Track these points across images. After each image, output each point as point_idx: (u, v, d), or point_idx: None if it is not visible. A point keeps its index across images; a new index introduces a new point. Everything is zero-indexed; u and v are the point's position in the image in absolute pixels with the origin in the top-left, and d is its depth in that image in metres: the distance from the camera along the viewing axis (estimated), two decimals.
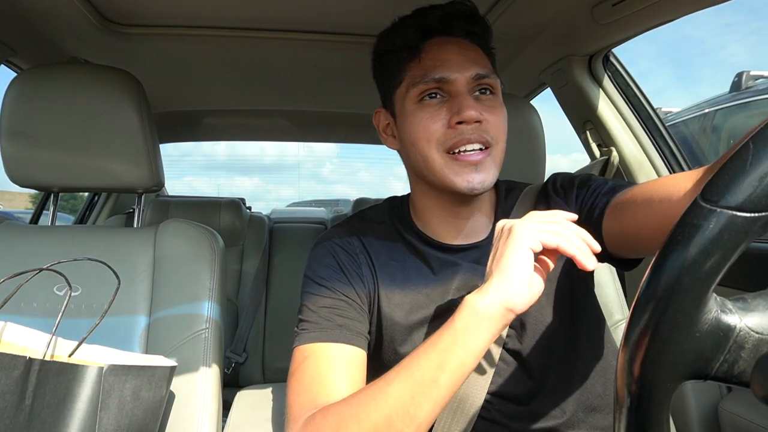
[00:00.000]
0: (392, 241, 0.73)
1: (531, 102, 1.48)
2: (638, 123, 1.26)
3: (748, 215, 0.26)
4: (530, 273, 0.50)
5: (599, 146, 1.32)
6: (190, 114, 1.98)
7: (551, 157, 1.11)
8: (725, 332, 0.27)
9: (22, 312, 0.78)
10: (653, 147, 1.25)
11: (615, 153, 1.27)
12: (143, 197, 1.02)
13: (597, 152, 1.32)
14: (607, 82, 1.25)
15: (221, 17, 1.15)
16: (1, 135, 0.84)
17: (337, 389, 0.59)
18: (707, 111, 2.71)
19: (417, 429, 0.51)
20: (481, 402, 0.64)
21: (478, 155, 0.64)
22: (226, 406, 0.81)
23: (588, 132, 1.33)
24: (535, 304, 0.66)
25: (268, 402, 0.83)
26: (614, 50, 1.21)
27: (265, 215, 2.13)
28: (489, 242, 0.71)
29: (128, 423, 0.62)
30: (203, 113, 1.99)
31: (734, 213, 0.26)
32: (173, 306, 0.81)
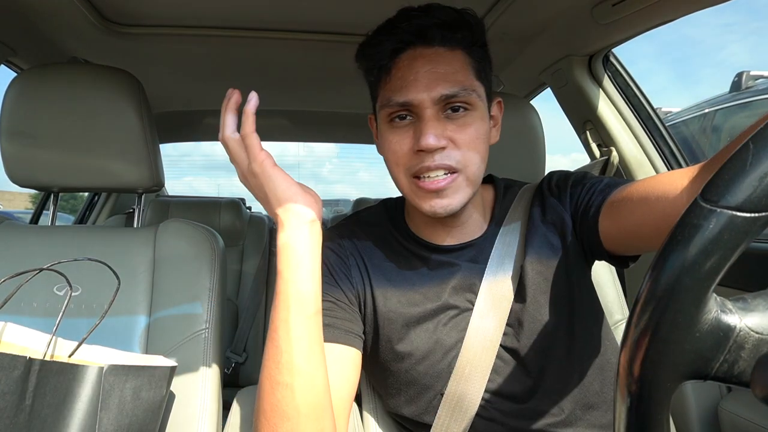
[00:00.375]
0: (387, 243, 0.73)
1: (531, 102, 1.48)
2: (638, 123, 1.26)
3: (748, 215, 0.26)
4: (291, 185, 0.56)
5: (599, 146, 1.32)
6: (190, 114, 1.98)
7: (551, 157, 1.11)
8: (725, 332, 0.27)
9: (22, 312, 0.78)
10: (653, 147, 1.25)
11: (615, 153, 1.27)
12: (143, 197, 1.02)
13: (597, 152, 1.33)
14: (607, 82, 1.25)
15: (221, 17, 1.15)
16: (1, 135, 0.84)
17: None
18: (707, 111, 2.71)
19: (300, 376, 0.54)
20: (479, 400, 0.64)
21: (442, 181, 0.62)
22: (226, 406, 0.80)
23: (588, 132, 1.33)
24: (533, 302, 0.66)
25: None
26: (614, 50, 1.21)
27: (265, 215, 2.14)
28: (484, 240, 0.71)
29: (128, 423, 0.62)
30: (203, 113, 1.99)
31: (734, 213, 0.26)
32: (173, 306, 0.81)
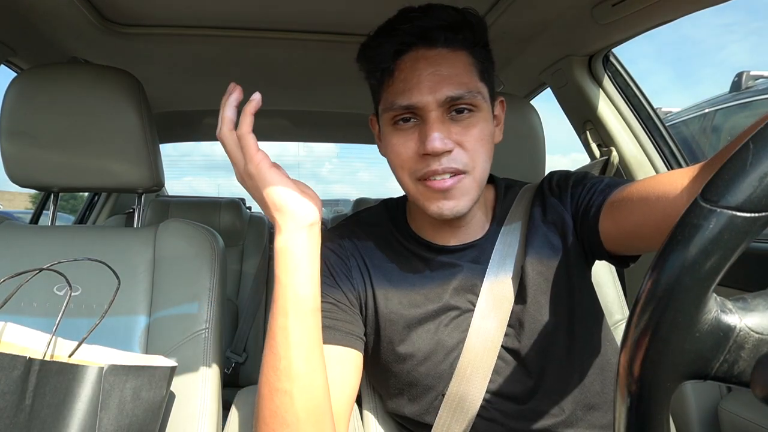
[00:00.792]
0: (388, 244, 0.73)
1: (531, 102, 1.48)
2: (638, 123, 1.26)
3: (748, 215, 0.26)
4: (288, 188, 0.55)
5: (599, 146, 1.32)
6: (190, 114, 1.98)
7: (551, 157, 1.11)
8: (725, 332, 0.27)
9: (22, 312, 0.78)
10: (653, 147, 1.25)
11: (615, 153, 1.27)
12: (143, 197, 1.02)
13: (597, 152, 1.33)
14: (607, 82, 1.25)
15: (221, 17, 1.15)
16: (1, 135, 0.84)
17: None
18: (707, 111, 2.71)
19: (297, 381, 0.53)
20: (480, 401, 0.64)
21: (448, 181, 0.61)
22: (226, 406, 0.80)
23: (588, 132, 1.33)
24: (534, 303, 0.66)
25: None
26: (614, 50, 1.21)
27: (265, 215, 2.13)
28: (486, 240, 0.71)
29: (128, 423, 0.62)
30: (203, 113, 1.99)
31: (734, 213, 0.26)
32: (173, 306, 0.81)
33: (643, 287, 0.28)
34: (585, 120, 1.32)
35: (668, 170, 1.23)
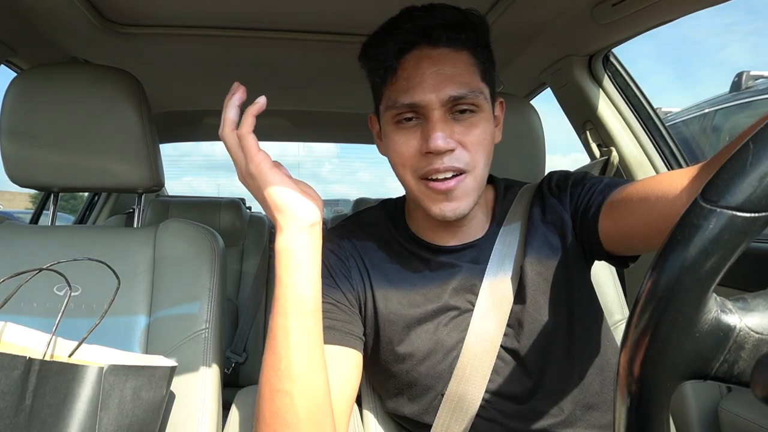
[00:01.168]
0: (387, 244, 0.73)
1: (531, 102, 1.48)
2: (638, 123, 1.26)
3: (748, 215, 0.26)
4: (289, 188, 0.54)
5: (599, 146, 1.32)
6: (190, 114, 1.98)
7: (551, 157, 1.11)
8: (725, 332, 0.27)
9: (22, 312, 0.78)
10: (653, 147, 1.25)
11: (615, 153, 1.27)
12: (143, 197, 1.02)
13: (597, 152, 1.33)
14: (607, 82, 1.25)
15: (221, 17, 1.15)
16: (1, 135, 0.84)
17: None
18: (707, 111, 2.71)
19: (297, 382, 0.53)
20: (480, 401, 0.64)
21: (451, 182, 0.62)
22: (226, 406, 0.80)
23: (588, 132, 1.33)
24: (533, 303, 0.66)
25: None
26: (614, 50, 1.21)
27: (266, 215, 2.13)
28: (485, 241, 0.71)
29: (128, 423, 0.62)
30: (203, 113, 1.99)
31: (734, 213, 0.26)
32: (173, 306, 0.81)
33: (643, 287, 0.28)
34: (585, 120, 1.32)
35: (668, 170, 1.23)
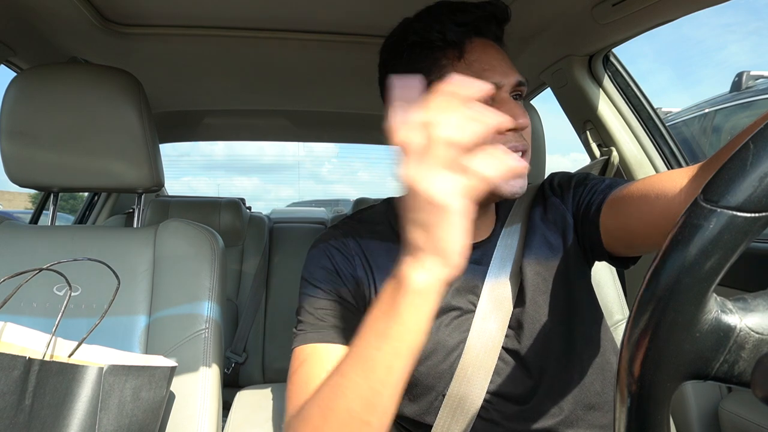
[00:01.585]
0: (390, 243, 0.73)
1: (531, 102, 1.48)
2: (638, 123, 1.26)
3: (749, 215, 0.26)
4: (464, 237, 0.43)
5: (599, 146, 1.32)
6: (190, 114, 1.98)
7: (551, 157, 1.11)
8: (725, 332, 0.27)
9: (22, 312, 0.78)
10: (653, 147, 1.25)
11: (615, 153, 1.27)
12: (143, 197, 1.02)
13: (597, 152, 1.32)
14: (607, 82, 1.25)
15: (221, 17, 1.15)
16: (1, 135, 0.84)
17: None
18: (707, 111, 2.71)
19: (383, 415, 0.50)
20: (481, 402, 0.64)
21: (523, 159, 0.64)
22: (226, 406, 0.81)
23: (588, 132, 1.33)
24: (532, 304, 0.66)
25: (268, 402, 0.83)
26: (614, 50, 1.21)
27: (265, 215, 2.13)
28: (489, 242, 0.71)
29: (128, 423, 0.62)
30: (203, 113, 1.99)
31: (734, 213, 0.26)
32: (173, 306, 0.81)
33: (643, 287, 0.28)
34: (585, 120, 1.32)
35: (668, 170, 1.23)
